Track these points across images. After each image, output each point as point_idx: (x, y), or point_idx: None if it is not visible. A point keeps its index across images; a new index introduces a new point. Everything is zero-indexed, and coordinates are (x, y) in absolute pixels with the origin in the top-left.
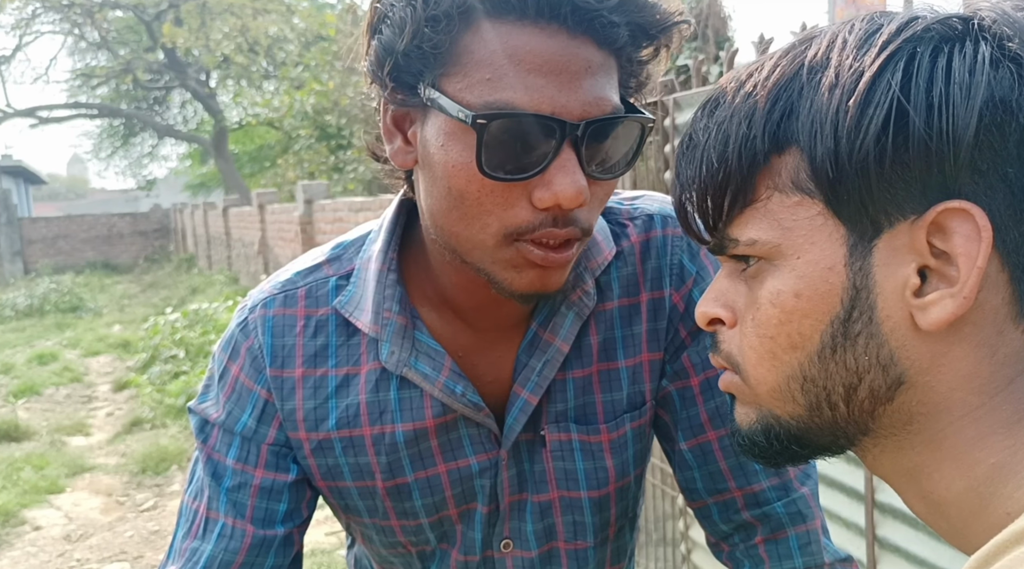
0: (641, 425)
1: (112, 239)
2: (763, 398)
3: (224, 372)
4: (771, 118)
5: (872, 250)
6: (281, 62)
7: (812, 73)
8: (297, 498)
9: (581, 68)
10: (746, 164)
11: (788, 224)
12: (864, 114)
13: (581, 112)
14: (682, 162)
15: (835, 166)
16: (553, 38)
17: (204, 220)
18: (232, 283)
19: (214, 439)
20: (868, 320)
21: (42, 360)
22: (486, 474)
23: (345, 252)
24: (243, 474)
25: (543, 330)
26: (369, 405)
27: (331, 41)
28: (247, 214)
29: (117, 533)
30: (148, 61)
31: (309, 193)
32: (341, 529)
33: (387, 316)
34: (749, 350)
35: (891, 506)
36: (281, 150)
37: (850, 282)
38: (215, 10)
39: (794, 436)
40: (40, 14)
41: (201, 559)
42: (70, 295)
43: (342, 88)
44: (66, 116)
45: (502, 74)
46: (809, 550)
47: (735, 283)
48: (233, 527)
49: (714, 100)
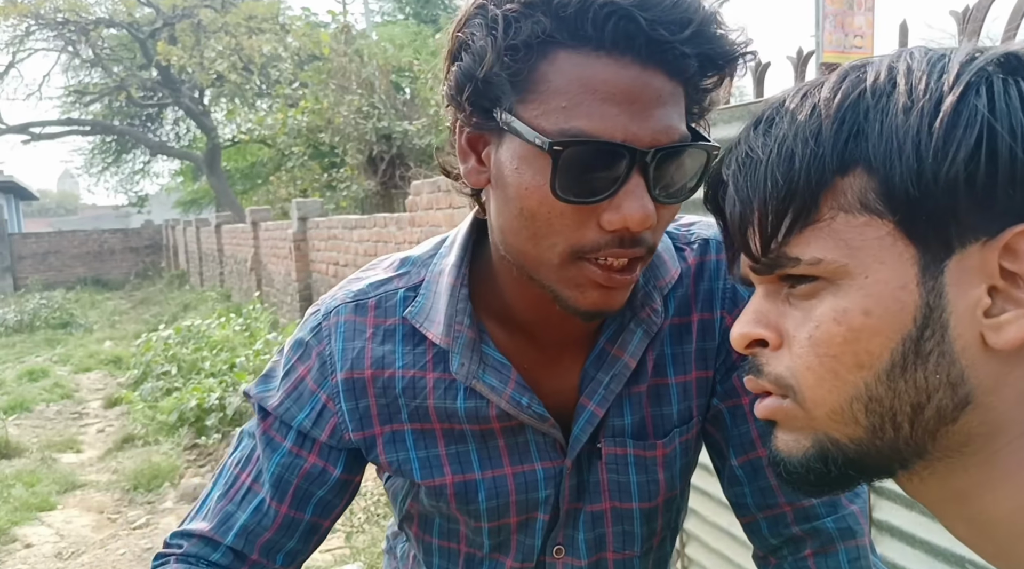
0: (688, 439)
1: (103, 255)
2: (820, 421)
3: (291, 370)
4: (839, 138)
5: (944, 270)
6: (275, 80)
7: (877, 96)
8: (334, 492)
9: (652, 98)
10: (814, 182)
11: (856, 244)
12: (952, 136)
13: (651, 140)
14: (740, 178)
15: (918, 188)
16: (626, 69)
17: (196, 237)
18: (224, 300)
19: (272, 421)
20: (941, 339)
21: (32, 376)
22: (551, 483)
23: (414, 267)
24: (296, 457)
25: (611, 345)
26: (437, 410)
27: (325, 60)
28: (240, 231)
29: (109, 551)
30: (142, 78)
31: (303, 210)
32: (335, 547)
33: (458, 329)
34: (806, 371)
35: (888, 489)
36: (274, 167)
37: (923, 301)
38: (210, 29)
39: (851, 460)
40: (34, 31)
41: (235, 526)
42: (61, 311)
43: (336, 106)
44: (59, 132)
45: (577, 102)
46: (859, 565)
47: (776, 304)
48: (269, 504)
49: (768, 118)
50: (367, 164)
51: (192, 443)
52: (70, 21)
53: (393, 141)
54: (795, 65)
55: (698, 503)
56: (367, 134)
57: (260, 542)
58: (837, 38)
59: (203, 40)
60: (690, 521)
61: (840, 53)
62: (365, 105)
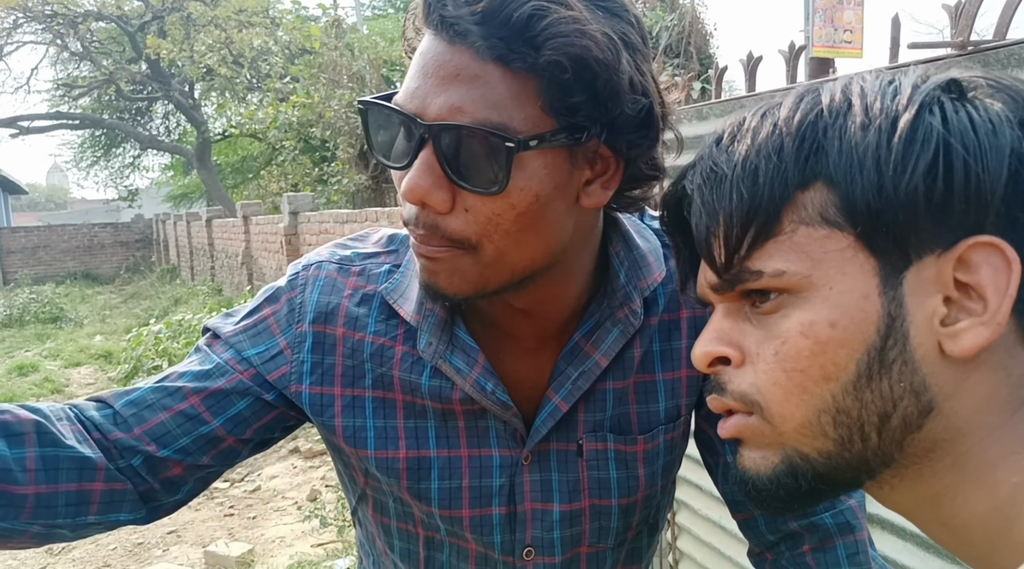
0: (674, 438)
1: (93, 249)
2: (788, 436)
3: (255, 310)
4: (800, 154)
5: (902, 281)
6: (265, 74)
7: (834, 115)
8: (256, 415)
9: (449, 74)
10: (777, 196)
11: (817, 256)
12: (910, 151)
13: (435, 115)
14: (706, 192)
15: (878, 200)
16: (434, 43)
17: (187, 231)
18: (215, 294)
19: (219, 342)
20: (903, 348)
21: (22, 371)
22: (505, 471)
23: (401, 245)
24: (229, 367)
25: (584, 341)
26: (402, 381)
27: (316, 54)
28: (231, 225)
29: (100, 545)
30: (131, 72)
31: (295, 205)
32: (327, 541)
33: (430, 308)
34: (772, 386)
35: None
36: (265, 162)
37: (885, 310)
38: (199, 22)
39: (820, 474)
40: (22, 24)
41: (133, 394)
42: (50, 305)
43: (327, 100)
44: (47, 126)
45: (408, 73)
46: (857, 560)
47: (737, 323)
48: (181, 389)
49: (729, 134)
50: (358, 158)
51: None
52: (58, 14)
53: None
54: (786, 59)
55: (689, 496)
56: (358, 128)
57: (151, 421)
58: (827, 33)
59: (193, 33)
60: (682, 514)
61: (830, 47)
62: (356, 99)
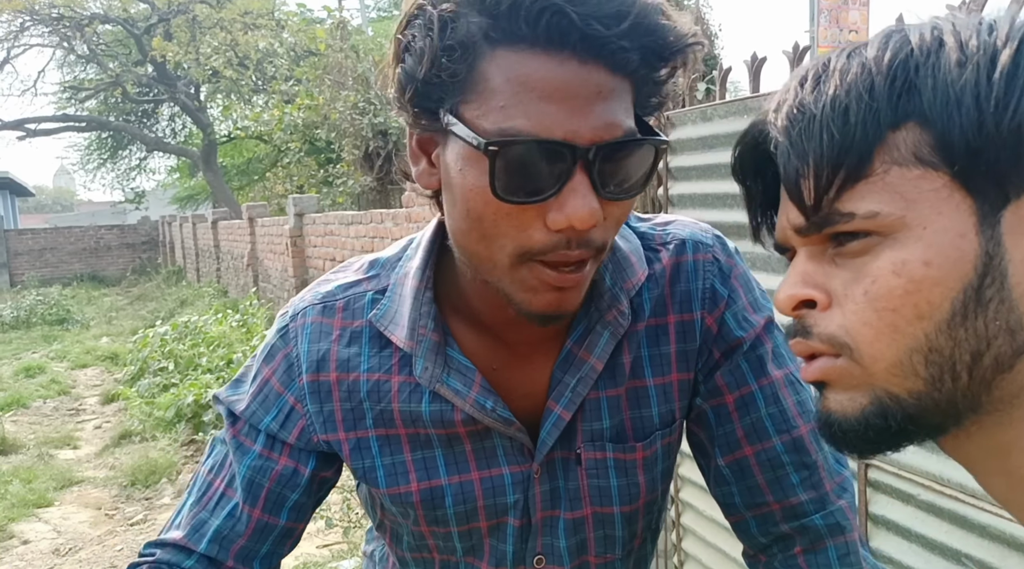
0: (670, 442)
1: (100, 251)
2: (878, 377)
3: (258, 373)
4: (892, 92)
5: (1000, 220)
6: (271, 76)
7: (926, 54)
8: (307, 493)
9: (592, 93)
10: (869, 136)
11: (911, 196)
12: (1012, 87)
13: (592, 136)
14: (794, 132)
15: (978, 138)
16: (563, 65)
17: (193, 233)
18: (221, 295)
19: (241, 425)
20: (1000, 286)
21: (29, 372)
22: (519, 488)
23: (383, 270)
24: (267, 460)
25: (578, 347)
26: (402, 414)
27: (321, 56)
28: (237, 227)
29: (107, 547)
30: (137, 74)
31: (300, 206)
32: (333, 542)
33: (422, 333)
34: (862, 326)
35: (883, 483)
36: (270, 164)
37: (982, 249)
38: (205, 24)
39: (909, 415)
40: (29, 27)
41: (208, 532)
42: (57, 307)
43: (332, 102)
44: (54, 129)
45: (515, 101)
46: (848, 561)
47: (821, 265)
48: (242, 509)
49: (814, 75)
50: (363, 160)
51: (189, 439)
52: (65, 16)
53: (389, 137)
54: (791, 60)
55: (694, 497)
56: (363, 130)
57: (234, 548)
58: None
59: (198, 36)
60: (686, 515)
61: (835, 48)
62: (361, 101)
